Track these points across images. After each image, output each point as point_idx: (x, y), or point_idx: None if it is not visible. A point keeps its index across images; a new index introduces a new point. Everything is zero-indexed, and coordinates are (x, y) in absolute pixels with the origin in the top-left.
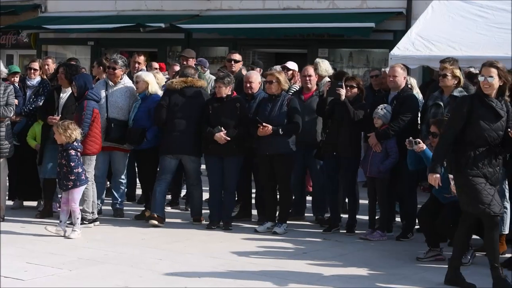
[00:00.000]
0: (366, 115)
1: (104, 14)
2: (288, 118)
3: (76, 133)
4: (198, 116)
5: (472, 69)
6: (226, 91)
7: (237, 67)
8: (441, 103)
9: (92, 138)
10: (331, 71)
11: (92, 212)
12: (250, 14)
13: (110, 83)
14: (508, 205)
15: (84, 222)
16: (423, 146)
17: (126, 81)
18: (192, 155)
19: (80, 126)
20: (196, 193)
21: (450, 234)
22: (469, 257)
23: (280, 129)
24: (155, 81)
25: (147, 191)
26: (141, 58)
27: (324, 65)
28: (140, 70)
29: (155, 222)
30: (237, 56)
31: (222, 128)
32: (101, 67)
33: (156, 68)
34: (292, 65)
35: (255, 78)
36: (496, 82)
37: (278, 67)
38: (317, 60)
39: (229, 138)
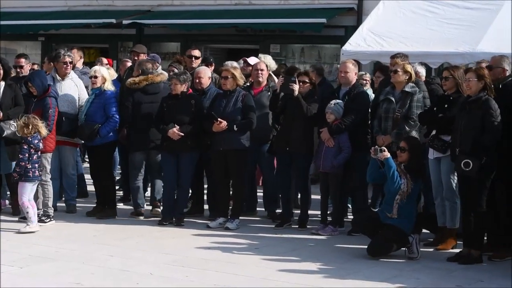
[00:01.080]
0: (319, 110)
1: (55, 10)
2: (243, 114)
3: (41, 130)
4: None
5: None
6: (181, 88)
7: (197, 63)
8: (393, 99)
9: (52, 136)
10: (274, 66)
11: (50, 208)
12: (202, 9)
13: (58, 77)
14: (457, 200)
15: (44, 219)
16: (387, 154)
17: (73, 76)
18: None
19: (46, 123)
20: (159, 184)
21: (380, 254)
22: (415, 251)
23: (235, 125)
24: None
25: (101, 188)
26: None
27: (267, 61)
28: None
29: (141, 218)
30: (197, 52)
31: (175, 124)
32: (52, 63)
33: (107, 64)
34: (253, 60)
35: (204, 73)
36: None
37: (232, 63)
38: (260, 55)
39: (182, 134)
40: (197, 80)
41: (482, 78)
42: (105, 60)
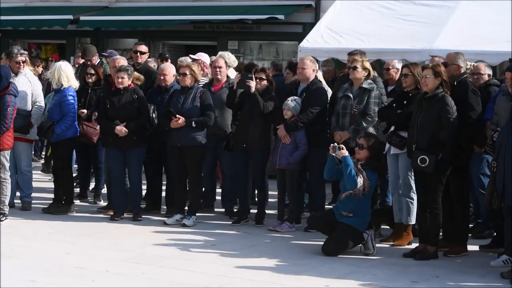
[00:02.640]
0: (276, 107)
1: (12, 5)
2: (201, 111)
3: None
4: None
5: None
6: (128, 82)
7: (143, 58)
8: (351, 95)
9: (10, 133)
10: (234, 62)
11: (6, 206)
12: (160, 6)
13: (12, 74)
14: (414, 196)
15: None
16: (345, 152)
17: (27, 72)
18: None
19: (4, 120)
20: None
21: (335, 253)
22: (371, 247)
23: (193, 122)
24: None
25: (60, 184)
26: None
27: (230, 58)
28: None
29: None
30: (143, 48)
31: (119, 121)
32: (9, 59)
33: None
34: (200, 56)
35: (169, 70)
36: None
37: (186, 58)
38: (220, 53)
39: (126, 131)
40: (162, 77)
41: (438, 75)
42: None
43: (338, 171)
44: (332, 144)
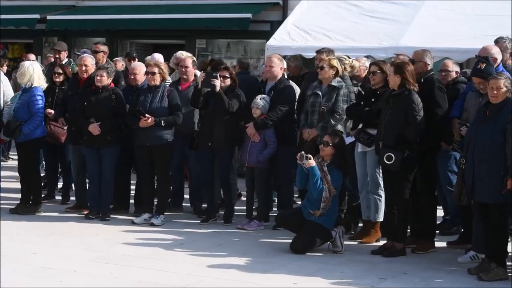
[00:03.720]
0: (241, 105)
1: None
2: (169, 110)
3: None
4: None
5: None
6: (107, 81)
7: (99, 57)
8: (320, 93)
9: None
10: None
11: None
12: (127, 4)
13: None
14: (382, 193)
15: None
16: (312, 162)
17: None
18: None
19: None
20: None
21: (303, 251)
22: (339, 245)
23: (162, 121)
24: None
25: (28, 184)
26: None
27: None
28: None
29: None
30: (101, 47)
31: (95, 120)
32: None
33: (34, 60)
34: (157, 56)
35: (140, 69)
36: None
37: (152, 57)
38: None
39: (101, 130)
40: (132, 77)
41: (397, 72)
42: (32, 56)
43: (308, 177)
44: (299, 153)
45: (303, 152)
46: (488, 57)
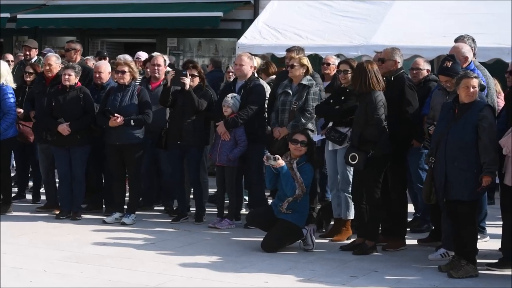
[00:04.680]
0: (211, 103)
1: None
2: (139, 109)
3: None
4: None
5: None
6: (75, 80)
7: (71, 56)
8: (290, 91)
9: None
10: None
11: None
12: (98, 3)
13: None
14: None
15: None
16: (281, 162)
17: None
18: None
19: None
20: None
21: (274, 249)
22: (310, 243)
23: (132, 120)
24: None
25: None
26: None
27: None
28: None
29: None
30: (74, 45)
31: (64, 120)
32: None
33: (12, 61)
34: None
35: (104, 68)
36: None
37: (125, 56)
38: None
39: (70, 130)
40: (97, 75)
41: (360, 72)
42: (10, 56)
43: (278, 177)
44: (265, 155)
45: (269, 153)
46: (454, 56)
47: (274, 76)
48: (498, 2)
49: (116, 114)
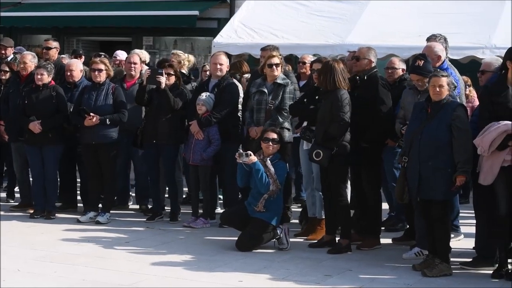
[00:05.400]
0: (186, 102)
1: None
2: (114, 107)
3: None
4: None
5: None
6: (48, 78)
7: (51, 54)
8: (265, 90)
9: None
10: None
11: None
12: (74, 2)
13: None
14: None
15: None
16: (254, 158)
17: None
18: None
19: None
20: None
21: (248, 248)
22: (285, 242)
23: (108, 119)
24: None
25: None
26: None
27: (144, 55)
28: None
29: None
30: (53, 44)
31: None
32: None
33: None
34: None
35: (76, 66)
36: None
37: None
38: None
39: (41, 128)
40: (69, 73)
41: (327, 71)
42: None
43: (250, 175)
44: (238, 151)
45: (241, 150)
46: (425, 55)
47: (247, 75)
48: (472, 2)
49: (91, 114)
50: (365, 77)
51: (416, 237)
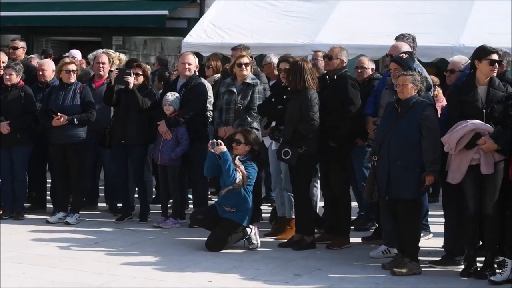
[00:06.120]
0: (154, 103)
1: None
2: (82, 107)
3: None
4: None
5: None
6: (16, 79)
7: (18, 54)
8: (235, 90)
9: None
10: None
11: None
12: (43, 1)
13: None
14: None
15: None
16: (223, 147)
17: None
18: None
19: None
20: None
21: (218, 248)
22: (255, 242)
23: (75, 119)
24: None
25: None
26: None
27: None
28: None
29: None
30: (19, 43)
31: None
32: None
33: None
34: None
35: (48, 66)
36: None
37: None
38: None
39: (10, 129)
40: (41, 73)
41: (295, 70)
42: None
43: (218, 167)
44: (211, 140)
45: (214, 139)
46: (412, 52)
47: (219, 75)
48: (442, 2)
49: (59, 114)
50: (335, 77)
51: (383, 235)
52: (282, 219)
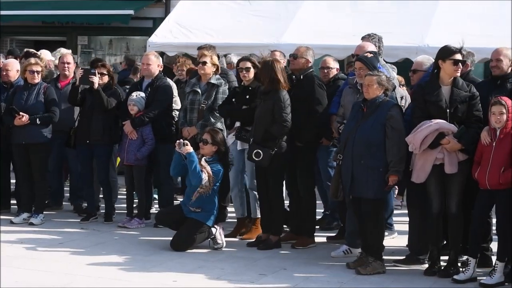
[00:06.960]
0: (119, 102)
1: None
2: (45, 107)
3: None
4: None
5: None
6: None
7: None
8: (199, 90)
9: None
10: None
11: None
12: (7, 1)
13: None
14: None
15: None
16: (190, 148)
17: None
18: None
19: None
20: None
21: (183, 248)
22: (220, 242)
23: (38, 119)
24: None
25: None
26: None
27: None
28: None
29: None
30: None
31: None
32: None
33: None
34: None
35: (12, 66)
36: None
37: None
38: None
39: None
40: (4, 73)
41: (266, 70)
42: None
43: (184, 167)
44: (177, 141)
45: (181, 140)
46: (377, 52)
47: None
48: (407, 2)
49: (21, 113)
50: (301, 77)
51: (346, 235)
52: (241, 219)
